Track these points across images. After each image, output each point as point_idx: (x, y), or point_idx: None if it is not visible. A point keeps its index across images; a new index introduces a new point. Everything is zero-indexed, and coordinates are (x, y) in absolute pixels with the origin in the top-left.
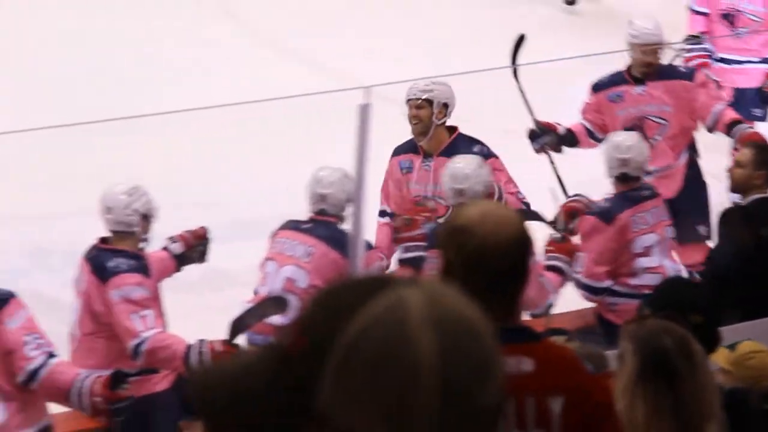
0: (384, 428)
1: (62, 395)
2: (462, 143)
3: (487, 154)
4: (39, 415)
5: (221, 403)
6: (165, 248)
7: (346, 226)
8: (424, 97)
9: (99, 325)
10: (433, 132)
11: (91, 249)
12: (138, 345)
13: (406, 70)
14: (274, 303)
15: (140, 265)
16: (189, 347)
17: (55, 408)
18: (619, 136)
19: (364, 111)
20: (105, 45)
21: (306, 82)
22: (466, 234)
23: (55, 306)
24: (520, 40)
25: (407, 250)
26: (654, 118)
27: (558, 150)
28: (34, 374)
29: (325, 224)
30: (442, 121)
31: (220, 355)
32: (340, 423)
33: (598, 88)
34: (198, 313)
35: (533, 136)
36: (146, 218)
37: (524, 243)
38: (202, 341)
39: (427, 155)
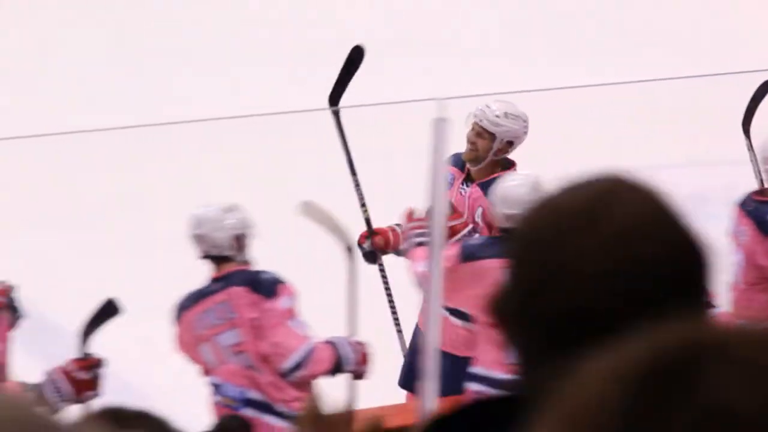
0: None
1: None
2: None
3: None
4: None
5: None
6: None
7: None
8: (488, 129)
9: (761, 279)
10: (488, 162)
11: (749, 201)
12: None
13: None
14: None
15: None
16: None
17: None
18: None
19: None
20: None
21: None
22: None
23: None
24: (764, 89)
25: None
26: None
27: None
28: None
29: None
30: (502, 156)
31: None
32: None
33: None
34: None
35: None
36: None
37: None
38: None
39: (468, 179)
